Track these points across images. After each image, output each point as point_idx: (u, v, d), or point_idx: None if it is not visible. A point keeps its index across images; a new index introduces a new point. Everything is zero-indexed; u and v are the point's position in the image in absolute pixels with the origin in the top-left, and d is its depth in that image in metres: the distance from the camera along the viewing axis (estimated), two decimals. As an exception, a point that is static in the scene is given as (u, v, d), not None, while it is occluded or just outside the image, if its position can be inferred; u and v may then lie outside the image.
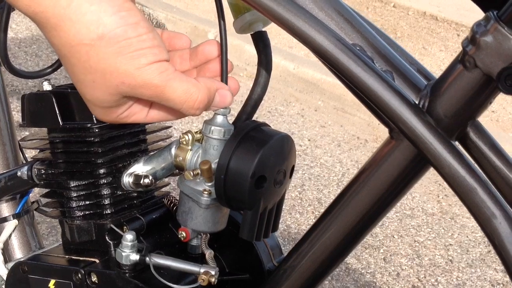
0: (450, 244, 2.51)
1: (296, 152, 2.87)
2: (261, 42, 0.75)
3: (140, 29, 0.56)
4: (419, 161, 0.58)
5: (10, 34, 3.67)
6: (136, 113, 0.62)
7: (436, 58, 4.71)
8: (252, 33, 0.76)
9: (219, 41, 0.70)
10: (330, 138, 3.16)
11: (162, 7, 4.19)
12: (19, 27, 3.75)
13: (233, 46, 3.65)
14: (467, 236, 2.56)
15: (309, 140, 3.11)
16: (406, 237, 2.49)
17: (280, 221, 2.41)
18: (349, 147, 3.10)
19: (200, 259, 0.73)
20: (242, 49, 3.50)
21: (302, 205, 2.52)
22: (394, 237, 2.48)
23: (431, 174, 3.67)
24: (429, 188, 2.85)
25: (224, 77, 0.69)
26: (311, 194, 2.61)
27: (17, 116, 2.19)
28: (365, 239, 2.48)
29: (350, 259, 2.26)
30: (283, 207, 2.44)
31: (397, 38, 4.92)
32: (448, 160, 0.52)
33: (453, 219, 2.68)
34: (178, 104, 0.59)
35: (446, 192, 2.85)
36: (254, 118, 0.74)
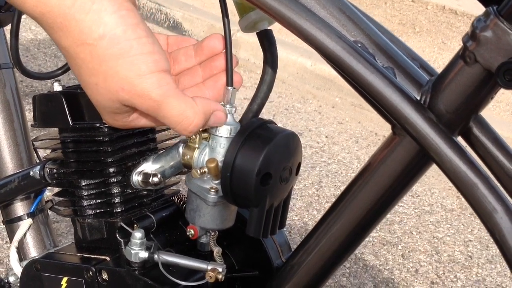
0: (470, 240, 2.49)
1: (314, 149, 2.85)
2: (267, 41, 0.75)
3: (140, 31, 0.56)
4: (422, 157, 0.58)
5: (30, 35, 3.72)
6: (143, 118, 0.62)
7: (455, 53, 4.66)
8: (257, 32, 0.76)
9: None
10: (348, 135, 3.15)
11: (179, 6, 4.21)
12: (38, 28, 3.79)
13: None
14: (487, 232, 2.54)
15: (326, 137, 3.10)
16: (424, 234, 2.48)
17: (297, 218, 2.41)
18: (367, 143, 3.09)
19: (209, 257, 0.74)
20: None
21: (319, 202, 2.52)
22: (412, 233, 2.47)
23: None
24: (448, 184, 2.83)
25: (229, 75, 0.70)
26: (328, 191, 2.61)
27: (30, 117, 2.21)
28: (383, 236, 2.46)
29: (368, 256, 2.25)
30: (300, 204, 2.42)
31: (416, 33, 4.88)
32: (449, 155, 0.52)
33: (473, 214, 2.65)
34: (172, 123, 0.59)
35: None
36: (265, 116, 0.74)
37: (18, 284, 0.86)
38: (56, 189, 0.83)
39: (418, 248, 2.36)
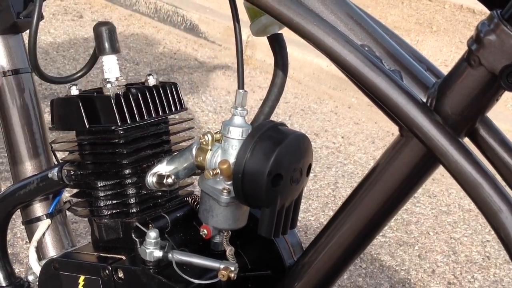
0: (487, 241, 2.48)
1: (330, 150, 2.84)
2: (277, 45, 0.77)
3: None
4: (429, 158, 0.59)
5: (49, 38, 3.77)
6: None
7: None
8: (268, 35, 0.78)
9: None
10: (364, 135, 3.15)
11: (195, 8, 4.24)
12: (57, 31, 3.84)
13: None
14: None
15: (342, 137, 3.10)
16: (442, 234, 2.47)
17: (314, 219, 2.41)
18: (383, 143, 3.09)
19: (222, 256, 0.75)
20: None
21: (335, 203, 2.52)
22: (429, 234, 2.46)
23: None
24: (465, 184, 2.82)
25: (240, 78, 0.71)
26: (344, 191, 2.61)
27: (48, 119, 2.24)
28: (399, 236, 2.45)
29: (384, 256, 2.25)
30: (316, 204, 2.43)
31: (433, 32, 4.85)
32: (454, 156, 0.53)
33: (491, 215, 2.64)
34: None
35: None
36: (281, 117, 0.76)
37: (37, 283, 0.88)
38: (74, 190, 0.85)
39: (435, 248, 2.35)
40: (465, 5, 5.35)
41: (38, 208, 0.95)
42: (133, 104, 0.77)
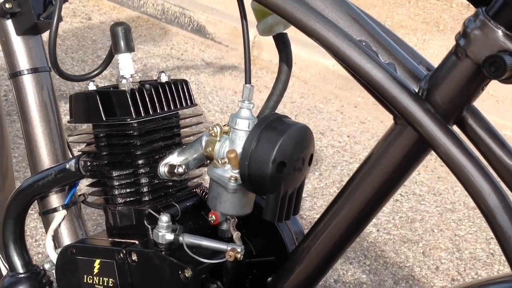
0: (492, 238, 2.49)
1: (335, 149, 2.86)
2: (282, 43, 0.82)
3: None
4: (421, 144, 0.63)
5: (57, 40, 3.81)
6: None
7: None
8: (273, 35, 0.83)
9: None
10: (370, 134, 3.18)
11: (202, 10, 4.29)
12: (65, 34, 3.89)
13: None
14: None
15: (348, 136, 3.14)
16: (446, 231, 2.49)
17: (319, 217, 2.43)
18: (388, 143, 3.11)
19: (229, 242, 0.80)
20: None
21: (341, 200, 2.54)
22: (434, 231, 2.48)
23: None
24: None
25: (247, 74, 0.76)
26: (350, 189, 2.64)
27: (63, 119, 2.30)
28: (404, 233, 2.47)
29: (389, 253, 2.28)
30: (321, 203, 2.46)
31: (440, 31, 4.87)
32: (443, 141, 0.58)
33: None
34: None
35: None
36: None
37: (53, 271, 0.93)
38: (89, 182, 0.90)
39: (439, 245, 2.37)
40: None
41: (55, 200, 1.00)
42: (146, 98, 0.82)
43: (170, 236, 0.77)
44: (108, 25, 4.25)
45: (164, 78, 0.88)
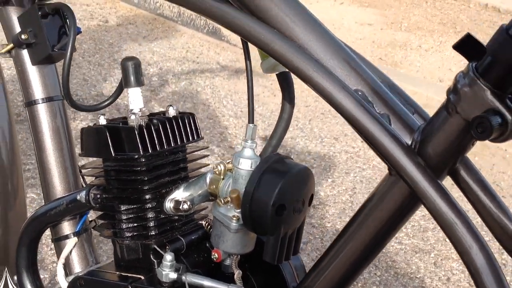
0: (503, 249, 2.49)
1: (349, 154, 2.84)
2: (285, 82, 0.84)
3: None
4: (413, 197, 0.65)
5: (75, 44, 3.85)
6: None
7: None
8: (277, 73, 0.85)
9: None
10: (383, 141, 3.18)
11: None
12: (83, 37, 3.92)
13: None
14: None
15: (362, 142, 3.13)
16: (458, 240, 2.48)
17: (330, 225, 2.43)
18: (401, 149, 3.11)
19: (232, 278, 0.82)
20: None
21: (352, 209, 2.55)
22: (446, 241, 2.47)
23: (487, 175, 3.53)
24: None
25: (250, 114, 0.79)
26: (362, 197, 2.64)
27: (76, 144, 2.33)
28: (415, 243, 2.46)
29: (400, 264, 2.28)
30: (333, 211, 2.45)
31: (457, 32, 4.83)
32: (433, 197, 0.59)
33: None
34: None
35: (502, 193, 2.81)
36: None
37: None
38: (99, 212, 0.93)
39: (451, 256, 2.36)
40: (490, 4, 5.33)
41: (66, 227, 1.03)
42: (154, 134, 0.85)
43: (173, 275, 0.80)
44: (125, 27, 4.29)
45: (172, 112, 0.91)
